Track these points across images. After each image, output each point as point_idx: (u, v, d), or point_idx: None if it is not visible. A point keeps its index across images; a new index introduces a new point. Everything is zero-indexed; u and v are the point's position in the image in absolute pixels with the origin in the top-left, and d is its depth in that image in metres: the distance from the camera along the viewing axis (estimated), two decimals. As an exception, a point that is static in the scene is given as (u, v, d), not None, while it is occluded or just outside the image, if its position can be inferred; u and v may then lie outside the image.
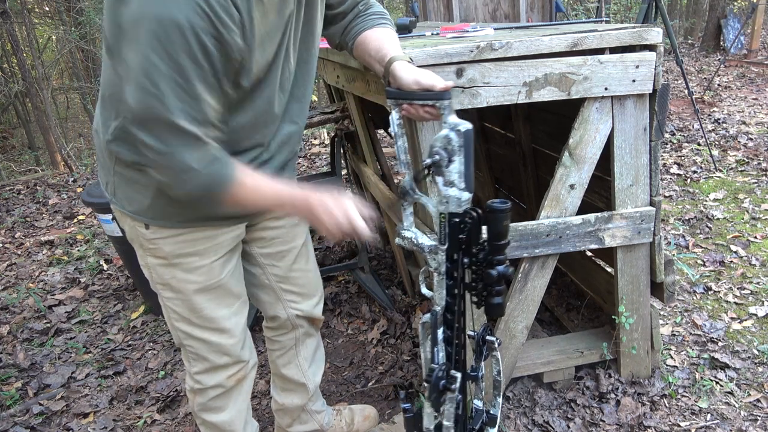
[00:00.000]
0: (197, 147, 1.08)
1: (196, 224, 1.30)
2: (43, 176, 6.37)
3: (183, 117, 1.03)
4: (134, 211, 1.29)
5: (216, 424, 1.54)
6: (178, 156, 1.07)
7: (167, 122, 1.02)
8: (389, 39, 1.39)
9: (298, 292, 1.60)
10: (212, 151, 1.11)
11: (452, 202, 1.17)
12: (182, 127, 1.04)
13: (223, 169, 1.13)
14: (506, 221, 1.13)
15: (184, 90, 1.00)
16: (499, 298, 1.17)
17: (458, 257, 1.20)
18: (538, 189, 2.63)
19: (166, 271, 1.34)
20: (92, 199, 2.64)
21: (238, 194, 1.16)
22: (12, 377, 2.51)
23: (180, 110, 1.02)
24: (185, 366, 1.51)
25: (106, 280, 3.41)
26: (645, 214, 1.77)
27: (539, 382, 2.00)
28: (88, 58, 9.14)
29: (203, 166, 1.09)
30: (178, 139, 1.05)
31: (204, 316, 1.38)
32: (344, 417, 1.90)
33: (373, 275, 2.78)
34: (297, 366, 1.72)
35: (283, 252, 1.54)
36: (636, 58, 1.62)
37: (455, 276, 1.22)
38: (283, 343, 1.69)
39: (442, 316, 1.25)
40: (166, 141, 1.05)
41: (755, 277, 2.63)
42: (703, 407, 1.88)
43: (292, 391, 1.76)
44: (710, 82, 6.59)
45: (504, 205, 1.12)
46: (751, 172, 3.94)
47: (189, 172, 1.09)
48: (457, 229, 1.18)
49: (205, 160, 1.10)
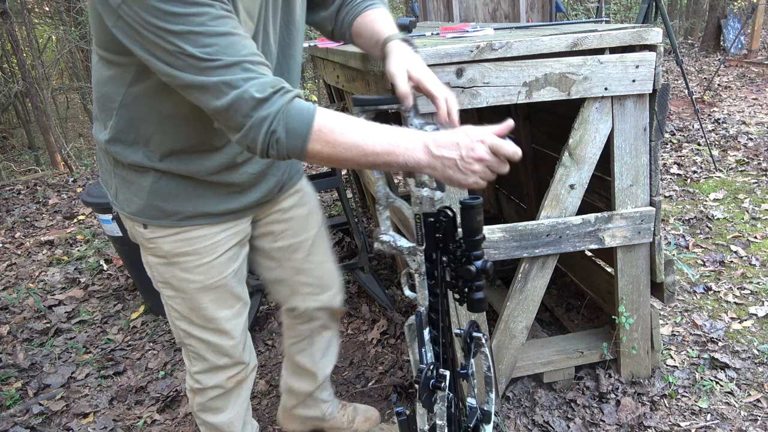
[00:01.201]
0: (251, 74, 0.97)
1: (192, 222, 1.29)
2: (43, 176, 6.37)
3: (223, 54, 0.95)
4: (132, 213, 1.28)
5: (215, 425, 1.54)
6: (240, 87, 0.96)
7: (213, 68, 0.95)
8: (381, 18, 1.29)
9: (316, 284, 1.60)
10: (270, 80, 0.99)
11: (425, 202, 1.16)
12: (228, 61, 0.95)
13: (298, 104, 1.00)
14: (479, 216, 1.13)
15: (202, 35, 0.94)
16: (480, 293, 1.16)
17: (437, 256, 1.20)
18: (538, 189, 2.63)
19: (166, 270, 1.34)
20: (92, 199, 2.64)
21: (328, 139, 1.00)
22: (12, 377, 2.51)
23: (213, 52, 0.94)
24: (186, 365, 1.51)
25: (106, 280, 3.41)
26: (645, 214, 1.77)
27: (539, 382, 2.00)
28: (88, 58, 9.14)
29: (268, 95, 0.97)
30: (230, 76, 0.96)
31: (204, 316, 1.38)
32: (347, 413, 1.91)
33: (373, 275, 2.78)
34: (310, 355, 1.73)
35: (294, 245, 1.53)
36: (636, 58, 1.62)
37: (435, 275, 1.22)
38: (299, 331, 1.70)
39: (427, 316, 1.26)
40: (224, 86, 0.96)
41: (755, 277, 2.63)
42: (703, 407, 1.88)
43: (301, 376, 1.78)
44: (710, 82, 6.59)
45: (476, 201, 1.12)
46: (751, 172, 3.94)
47: (257, 106, 0.97)
48: (432, 229, 1.18)
49: (268, 88, 0.98)
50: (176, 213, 1.27)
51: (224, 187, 1.29)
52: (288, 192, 1.48)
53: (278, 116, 0.98)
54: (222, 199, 1.30)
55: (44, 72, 8.01)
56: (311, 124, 0.98)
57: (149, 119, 1.17)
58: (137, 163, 1.21)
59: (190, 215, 1.28)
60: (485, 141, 1.00)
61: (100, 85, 1.17)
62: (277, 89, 0.98)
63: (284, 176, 1.43)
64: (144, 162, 1.21)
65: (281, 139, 0.99)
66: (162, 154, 1.21)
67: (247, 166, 1.30)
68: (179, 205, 1.26)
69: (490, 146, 1.01)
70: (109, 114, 1.19)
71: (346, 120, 1.02)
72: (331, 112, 1.02)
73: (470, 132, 1.01)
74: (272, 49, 1.22)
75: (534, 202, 2.65)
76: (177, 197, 1.25)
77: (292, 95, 1.00)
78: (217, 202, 1.29)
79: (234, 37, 0.97)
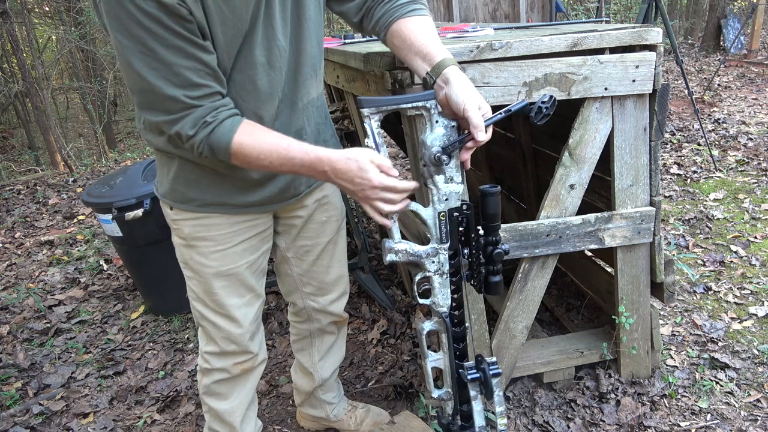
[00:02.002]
0: (186, 111, 1.11)
1: (210, 210, 1.35)
2: (43, 176, 6.38)
3: (162, 83, 1.07)
4: (161, 194, 1.38)
5: (217, 411, 1.57)
6: (177, 124, 1.12)
7: (150, 91, 1.08)
8: (428, 32, 1.28)
9: (317, 286, 1.64)
10: (200, 113, 1.12)
11: (452, 197, 1.20)
12: (165, 94, 1.08)
13: (217, 132, 1.13)
14: (498, 203, 1.21)
15: (151, 58, 1.05)
16: (498, 277, 1.25)
17: (458, 250, 1.25)
18: (538, 189, 2.63)
19: (185, 252, 1.40)
20: (92, 199, 2.64)
21: (242, 157, 1.16)
22: (12, 377, 2.51)
23: (156, 78, 1.06)
24: (200, 344, 1.54)
25: (106, 280, 3.41)
26: (645, 214, 1.77)
27: (539, 382, 2.00)
28: (88, 58, 9.14)
29: (196, 131, 1.12)
30: (167, 105, 1.10)
31: (216, 300, 1.42)
32: (356, 415, 1.91)
33: (373, 275, 2.78)
34: (309, 356, 1.78)
35: (307, 247, 1.56)
36: (636, 58, 1.62)
37: (458, 271, 1.26)
38: (299, 329, 1.76)
39: (449, 316, 1.29)
40: (158, 109, 1.11)
41: (755, 277, 2.63)
42: (703, 407, 1.88)
43: (302, 374, 1.84)
44: (710, 82, 6.59)
45: (494, 189, 1.20)
46: (751, 172, 3.94)
47: (189, 140, 1.13)
48: (456, 223, 1.22)
49: (197, 124, 1.12)
50: (196, 199, 1.33)
51: (241, 180, 1.32)
52: (312, 195, 1.50)
53: (203, 143, 1.14)
54: (239, 191, 1.34)
55: (44, 72, 8.02)
56: (228, 150, 1.15)
57: None
58: (163, 148, 1.28)
59: (208, 203, 1.34)
60: (373, 172, 1.14)
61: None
62: (203, 123, 1.13)
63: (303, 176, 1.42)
64: (168, 148, 1.27)
65: (209, 156, 1.17)
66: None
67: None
68: (199, 192, 1.32)
69: (381, 181, 1.14)
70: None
71: (258, 148, 1.15)
72: (248, 137, 1.15)
73: (363, 160, 1.14)
74: (280, 43, 1.22)
75: (534, 202, 2.65)
76: (198, 184, 1.31)
77: (212, 127, 1.13)
78: (235, 193, 1.34)
79: (178, 68, 1.07)
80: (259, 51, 1.18)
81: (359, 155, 1.14)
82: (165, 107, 1.11)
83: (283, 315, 2.72)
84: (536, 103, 1.16)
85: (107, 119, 9.30)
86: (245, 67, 1.19)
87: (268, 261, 1.54)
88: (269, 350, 2.50)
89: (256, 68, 1.19)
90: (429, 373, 1.36)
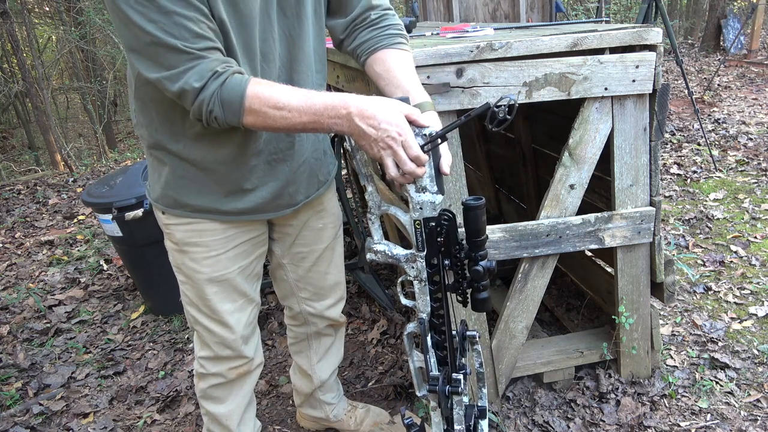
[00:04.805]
0: (190, 63, 1.05)
1: (202, 216, 1.33)
2: (43, 176, 6.38)
3: (162, 34, 1.02)
4: (154, 198, 1.37)
5: (214, 414, 1.57)
6: (181, 79, 1.05)
7: (149, 44, 1.04)
8: (408, 70, 1.30)
9: (313, 292, 1.64)
10: (207, 65, 1.06)
11: (426, 207, 1.16)
12: (166, 44, 1.03)
13: (231, 82, 1.07)
14: (483, 217, 1.14)
15: (149, 8, 1.01)
16: (485, 293, 1.18)
17: (439, 260, 1.20)
18: (538, 189, 2.63)
19: (178, 257, 1.40)
20: (92, 199, 2.64)
21: (257, 107, 1.08)
22: (12, 377, 2.51)
23: (155, 29, 1.02)
24: (195, 349, 1.54)
25: (106, 280, 3.41)
26: (645, 214, 1.77)
27: (539, 382, 2.00)
28: (88, 58, 9.14)
29: (205, 83, 1.06)
30: (168, 59, 1.05)
31: (209, 306, 1.42)
32: (356, 415, 1.91)
33: (373, 275, 2.78)
34: (307, 358, 1.78)
35: (303, 253, 1.56)
36: (636, 58, 1.62)
37: (437, 280, 1.21)
38: (296, 333, 1.76)
39: (429, 321, 1.25)
40: (159, 64, 1.06)
41: (755, 277, 2.63)
42: (703, 407, 1.88)
43: (301, 376, 1.84)
44: (710, 82, 6.59)
45: (478, 202, 1.13)
46: (751, 172, 3.94)
47: (196, 95, 1.07)
48: (434, 233, 1.17)
49: (204, 77, 1.06)
50: (187, 204, 1.32)
51: (230, 184, 1.31)
52: (309, 204, 1.49)
53: (213, 99, 1.07)
54: (230, 197, 1.33)
55: (44, 72, 8.02)
56: (242, 103, 1.08)
57: (160, 101, 1.21)
58: (155, 144, 1.27)
59: (199, 208, 1.33)
60: (405, 125, 1.08)
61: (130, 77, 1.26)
62: (213, 73, 1.06)
63: (300, 181, 1.42)
64: (160, 142, 1.26)
65: (219, 117, 1.10)
66: (171, 138, 1.25)
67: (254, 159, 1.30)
68: (190, 198, 1.31)
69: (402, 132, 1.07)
70: (132, 99, 1.28)
71: (276, 94, 1.09)
72: (263, 86, 1.09)
73: (394, 113, 1.08)
74: (275, 35, 1.22)
75: (534, 202, 2.65)
76: (189, 190, 1.30)
77: (224, 77, 1.07)
78: (226, 199, 1.32)
79: (179, 17, 1.03)
80: (249, 38, 1.18)
81: (390, 100, 1.11)
82: (166, 61, 1.05)
83: (283, 315, 2.72)
84: (491, 108, 1.06)
85: (107, 119, 9.30)
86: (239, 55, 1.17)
87: (264, 264, 1.54)
88: (269, 350, 2.50)
89: (253, 55, 1.19)
90: (414, 372, 1.36)
